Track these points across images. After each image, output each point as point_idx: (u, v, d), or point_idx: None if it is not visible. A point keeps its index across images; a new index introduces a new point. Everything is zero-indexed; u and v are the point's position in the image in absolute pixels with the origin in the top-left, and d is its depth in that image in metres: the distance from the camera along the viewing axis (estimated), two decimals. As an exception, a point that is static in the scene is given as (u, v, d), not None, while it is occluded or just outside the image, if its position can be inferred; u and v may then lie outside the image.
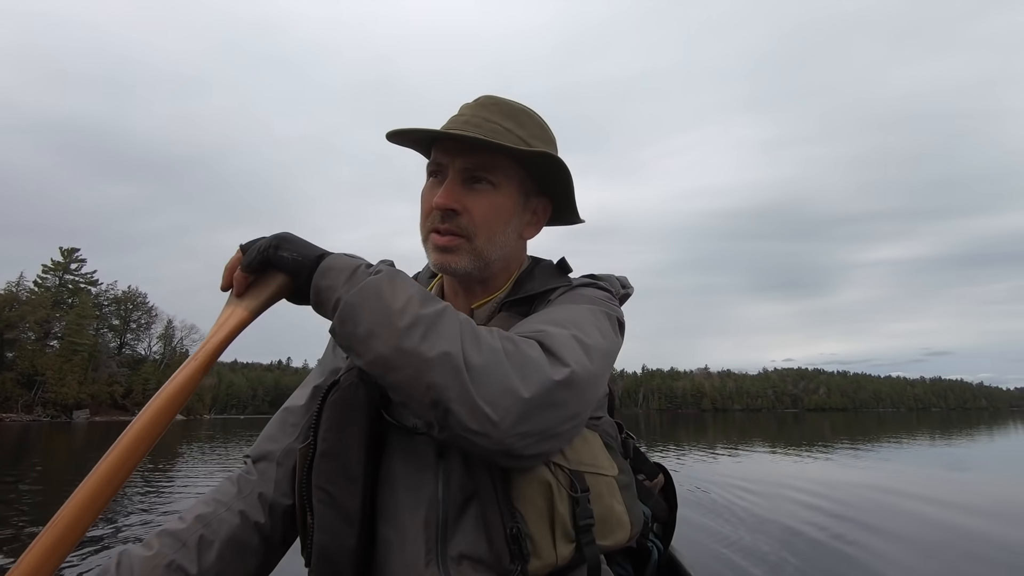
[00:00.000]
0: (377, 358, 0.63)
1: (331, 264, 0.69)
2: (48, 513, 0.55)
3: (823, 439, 19.98)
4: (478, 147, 0.80)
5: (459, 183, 0.81)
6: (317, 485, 0.74)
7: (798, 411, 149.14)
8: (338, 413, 0.76)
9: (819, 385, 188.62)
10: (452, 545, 0.72)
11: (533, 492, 0.71)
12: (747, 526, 5.37)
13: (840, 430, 28.38)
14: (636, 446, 0.99)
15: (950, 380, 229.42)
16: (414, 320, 0.63)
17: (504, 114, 0.85)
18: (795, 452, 14.20)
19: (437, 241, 0.81)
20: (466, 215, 0.81)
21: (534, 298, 0.87)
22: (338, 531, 0.73)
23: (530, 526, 0.70)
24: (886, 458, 12.39)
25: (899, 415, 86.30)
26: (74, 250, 55.15)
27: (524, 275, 0.91)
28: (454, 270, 0.82)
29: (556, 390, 0.65)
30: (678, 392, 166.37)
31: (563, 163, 0.84)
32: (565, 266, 0.95)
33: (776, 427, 33.82)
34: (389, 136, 0.84)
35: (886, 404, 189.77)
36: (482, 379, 0.62)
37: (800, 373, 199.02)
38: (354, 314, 0.64)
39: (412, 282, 0.68)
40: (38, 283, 52.62)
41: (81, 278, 55.47)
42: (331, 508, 0.73)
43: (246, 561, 0.79)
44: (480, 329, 0.67)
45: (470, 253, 0.82)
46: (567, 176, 0.87)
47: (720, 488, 7.80)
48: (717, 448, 15.50)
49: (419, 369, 0.62)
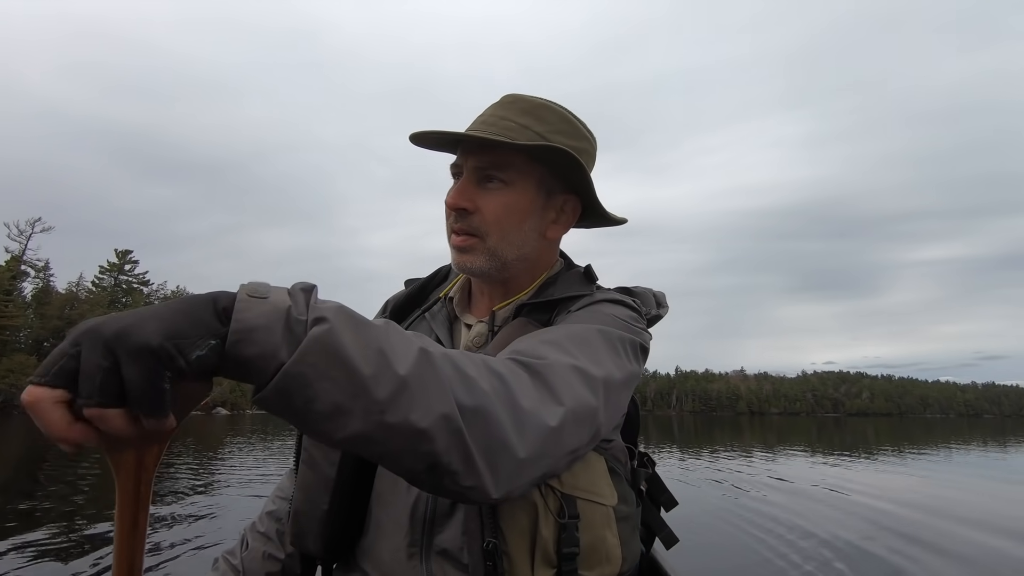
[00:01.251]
0: (354, 436, 0.47)
1: (247, 321, 0.44)
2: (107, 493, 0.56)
3: (865, 444, 19.53)
4: (488, 146, 0.79)
5: (473, 183, 0.81)
6: (305, 446, 0.80)
7: (839, 415, 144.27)
8: None
9: (862, 389, 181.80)
10: (436, 540, 0.72)
11: (518, 511, 0.67)
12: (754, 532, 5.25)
13: (884, 435, 27.54)
14: (653, 473, 0.91)
15: (1004, 386, 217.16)
16: (394, 386, 0.47)
17: (522, 111, 0.82)
18: (835, 456, 13.91)
19: (454, 241, 0.82)
20: (478, 214, 0.80)
21: (555, 304, 0.84)
22: (314, 495, 0.77)
23: (509, 545, 0.67)
24: (929, 467, 11.97)
25: (948, 421, 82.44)
26: (128, 252, 58.16)
27: (550, 279, 0.88)
28: (471, 270, 0.82)
29: (552, 437, 0.57)
30: (712, 394, 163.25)
31: (573, 155, 0.77)
32: (591, 274, 0.90)
33: (816, 431, 32.88)
34: (412, 139, 0.84)
35: (934, 410, 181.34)
36: (478, 433, 0.51)
37: (841, 376, 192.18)
38: (304, 387, 0.45)
39: (371, 323, 0.50)
40: (95, 283, 55.80)
41: (134, 278, 58.45)
42: (312, 471, 0.78)
43: None
44: (467, 363, 0.54)
45: (485, 252, 0.81)
46: (582, 169, 0.81)
47: (743, 492, 7.66)
48: (753, 453, 15.30)
49: (412, 441, 0.49)
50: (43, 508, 6.06)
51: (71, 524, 5.27)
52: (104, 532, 5.00)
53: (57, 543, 4.61)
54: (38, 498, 6.70)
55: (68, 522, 5.33)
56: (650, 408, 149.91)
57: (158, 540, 4.72)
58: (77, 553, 4.34)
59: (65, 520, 5.41)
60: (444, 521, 0.72)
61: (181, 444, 13.68)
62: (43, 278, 51.66)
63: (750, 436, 24.96)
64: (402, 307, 0.97)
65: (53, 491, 7.20)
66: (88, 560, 4.19)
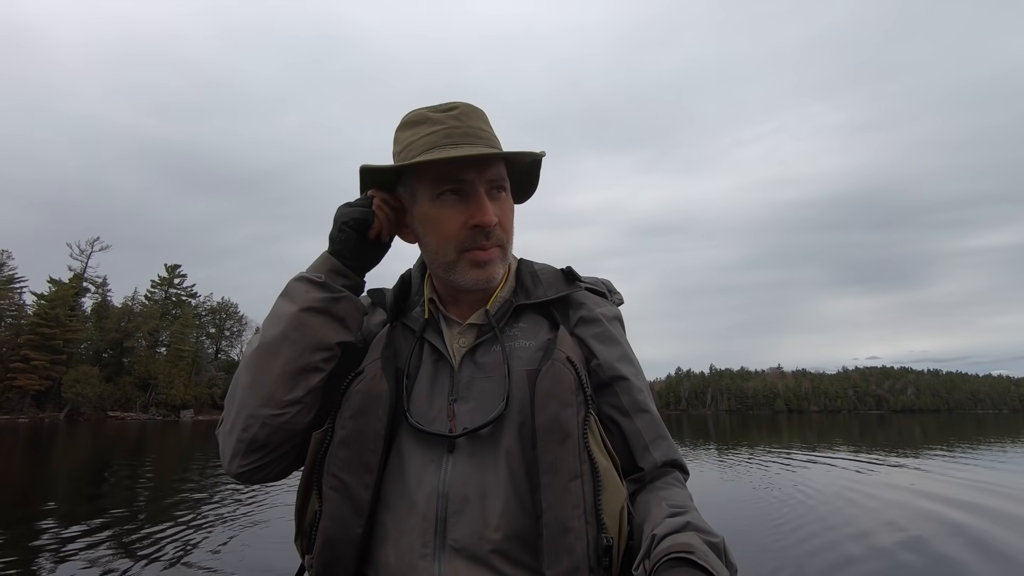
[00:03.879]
0: None
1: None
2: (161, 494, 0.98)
3: (912, 444, 19.09)
4: (495, 159, 0.81)
5: (488, 196, 0.82)
6: (330, 472, 0.75)
7: (883, 412, 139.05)
8: (360, 402, 0.76)
9: (907, 385, 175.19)
10: (450, 539, 0.73)
11: (568, 482, 0.72)
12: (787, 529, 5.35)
13: (931, 434, 26.62)
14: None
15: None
16: None
17: (485, 121, 0.85)
18: (878, 456, 13.76)
19: (481, 257, 0.82)
20: (499, 226, 0.83)
21: (553, 303, 0.90)
22: (346, 519, 0.73)
23: (564, 516, 0.70)
24: (981, 465, 11.62)
25: (1001, 417, 78.35)
26: (176, 266, 61.21)
27: (524, 276, 0.92)
28: (495, 282, 0.84)
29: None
30: (749, 392, 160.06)
31: (540, 159, 0.88)
32: (573, 274, 0.94)
33: (858, 429, 32.10)
34: (431, 164, 0.78)
35: (985, 405, 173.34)
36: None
37: (885, 372, 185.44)
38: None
39: None
40: (148, 296, 58.89)
41: (183, 291, 61.48)
42: (343, 496, 0.74)
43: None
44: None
45: (503, 261, 0.85)
46: (537, 174, 0.91)
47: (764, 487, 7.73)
48: (793, 450, 15.30)
49: None
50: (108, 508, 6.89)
51: (130, 524, 6.04)
52: (158, 531, 5.72)
53: (118, 540, 5.33)
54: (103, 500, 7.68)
55: (128, 524, 6.07)
56: (684, 407, 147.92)
57: (202, 539, 5.38)
58: (134, 551, 4.95)
59: (126, 521, 6.18)
60: (458, 520, 0.73)
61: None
62: (102, 293, 54.94)
63: (788, 435, 24.72)
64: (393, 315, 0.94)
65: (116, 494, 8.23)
66: (145, 552, 4.87)
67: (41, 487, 8.98)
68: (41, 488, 8.81)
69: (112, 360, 52.48)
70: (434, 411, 0.80)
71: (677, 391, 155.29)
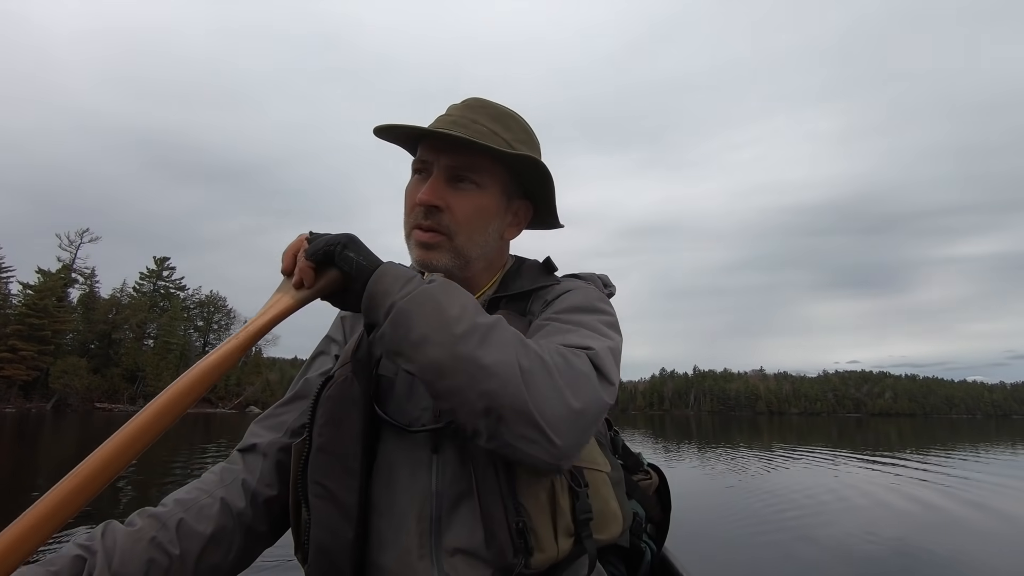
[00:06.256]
0: (430, 364, 0.63)
1: (386, 271, 0.69)
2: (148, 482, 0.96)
3: (888, 444, 19.46)
4: (463, 147, 0.81)
5: (443, 181, 0.83)
6: (314, 480, 0.73)
7: (861, 415, 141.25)
8: (334, 408, 0.75)
9: (884, 389, 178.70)
10: (446, 539, 0.73)
11: (538, 487, 0.73)
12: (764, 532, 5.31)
13: (907, 437, 27.07)
14: (623, 442, 1.04)
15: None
16: (470, 327, 0.64)
17: (491, 116, 0.86)
18: (857, 458, 14.07)
19: (419, 237, 0.83)
20: (448, 213, 0.82)
21: (528, 295, 0.90)
22: (336, 526, 0.72)
23: (534, 520, 0.71)
24: (953, 470, 11.55)
25: (975, 422, 79.57)
26: (165, 259, 60.73)
27: (510, 274, 0.94)
28: (435, 267, 0.83)
29: (602, 408, 0.70)
30: (731, 394, 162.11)
31: (546, 168, 0.87)
32: (550, 265, 0.96)
33: (836, 432, 32.32)
34: (376, 131, 0.84)
35: (960, 410, 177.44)
36: (536, 389, 0.63)
37: (864, 376, 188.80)
38: (407, 320, 0.64)
39: (466, 293, 0.70)
40: (136, 289, 58.51)
41: (171, 284, 61.09)
42: (328, 503, 0.73)
43: (226, 547, 0.77)
44: (530, 341, 0.69)
45: (450, 251, 0.83)
46: (550, 181, 0.89)
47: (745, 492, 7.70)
48: (773, 451, 15.61)
49: (474, 375, 0.62)
50: (95, 500, 6.91)
51: (117, 516, 6.02)
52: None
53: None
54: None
55: (115, 516, 6.04)
56: (668, 408, 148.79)
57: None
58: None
59: (112, 514, 6.21)
60: (452, 519, 0.74)
61: (215, 445, 14.90)
62: (90, 285, 54.47)
63: (768, 436, 24.86)
64: None
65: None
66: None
67: (28, 477, 8.81)
68: (28, 478, 8.63)
69: (99, 351, 52.14)
70: (417, 411, 0.80)
71: (660, 391, 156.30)
